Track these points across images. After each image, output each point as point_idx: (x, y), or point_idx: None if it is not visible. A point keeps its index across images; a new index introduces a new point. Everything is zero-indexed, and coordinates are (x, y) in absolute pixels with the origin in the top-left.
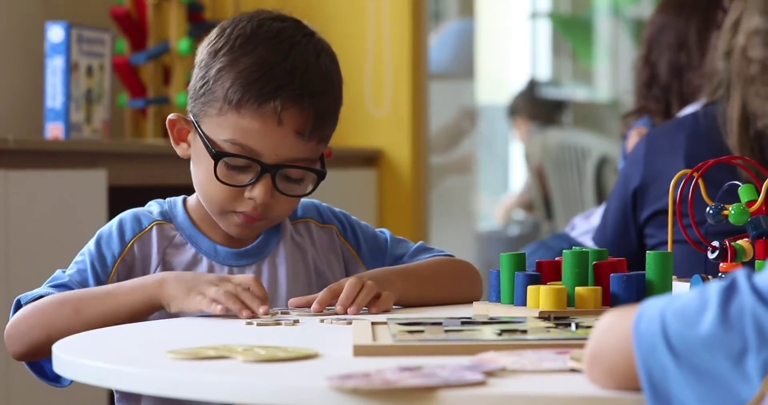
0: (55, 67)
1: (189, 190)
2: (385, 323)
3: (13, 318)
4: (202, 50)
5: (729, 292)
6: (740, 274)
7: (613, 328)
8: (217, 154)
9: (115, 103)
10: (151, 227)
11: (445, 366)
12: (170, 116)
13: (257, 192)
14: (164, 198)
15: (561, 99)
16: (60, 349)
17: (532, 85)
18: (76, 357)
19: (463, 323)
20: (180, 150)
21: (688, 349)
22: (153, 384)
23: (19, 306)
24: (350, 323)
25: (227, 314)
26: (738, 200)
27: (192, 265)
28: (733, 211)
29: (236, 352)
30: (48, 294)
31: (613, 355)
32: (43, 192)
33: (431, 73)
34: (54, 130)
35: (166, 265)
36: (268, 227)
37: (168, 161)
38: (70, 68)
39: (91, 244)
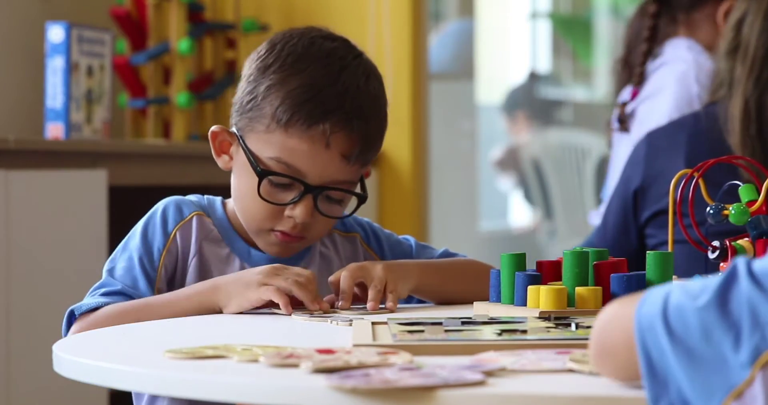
0: (55, 67)
1: (189, 190)
2: (385, 323)
3: (74, 331)
4: (251, 64)
5: (729, 278)
6: (740, 260)
7: (617, 317)
8: (263, 173)
9: (115, 103)
10: (192, 217)
11: (444, 366)
12: (213, 128)
13: (298, 211)
14: (164, 198)
15: (561, 99)
16: (60, 349)
17: (532, 79)
18: (76, 357)
19: (463, 323)
20: (221, 162)
21: (683, 330)
22: (152, 383)
23: (71, 316)
24: (350, 323)
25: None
26: (738, 200)
27: (225, 262)
28: (733, 211)
29: (235, 351)
30: (104, 304)
31: (620, 344)
32: (43, 192)
33: (431, 73)
34: (54, 130)
35: (201, 257)
36: (303, 248)
37: (168, 161)
38: (71, 68)
39: (137, 238)
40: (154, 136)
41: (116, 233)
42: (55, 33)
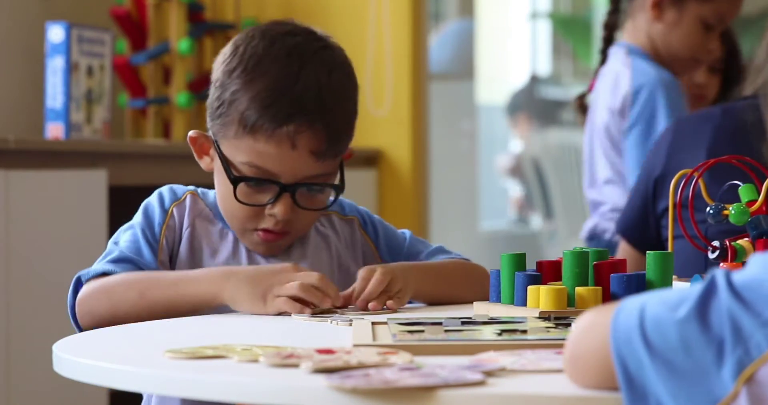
0: (55, 67)
1: None
2: (385, 323)
3: (82, 294)
4: (218, 68)
5: (708, 290)
6: (719, 272)
7: (592, 326)
8: (235, 179)
9: (115, 103)
10: (185, 196)
11: (444, 366)
12: (190, 134)
13: (277, 210)
14: None
15: (561, 99)
16: (60, 349)
17: (533, 82)
18: (76, 356)
19: (463, 323)
20: (203, 164)
21: (662, 343)
22: (152, 383)
23: (78, 283)
24: (350, 323)
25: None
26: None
27: (219, 237)
28: (733, 211)
29: (235, 351)
30: (111, 271)
31: (592, 353)
32: (43, 192)
33: (431, 73)
34: (54, 130)
35: (194, 230)
36: (290, 243)
37: (168, 161)
38: (71, 68)
39: (138, 216)
40: (154, 136)
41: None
42: (55, 33)
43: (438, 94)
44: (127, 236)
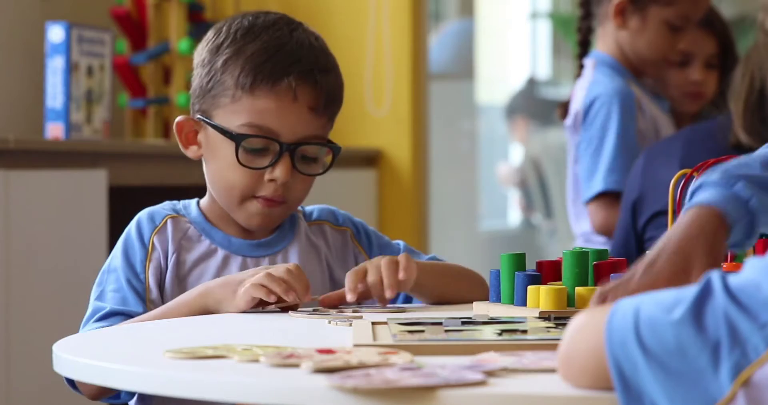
0: (55, 67)
1: (189, 190)
2: (385, 323)
3: None
4: (201, 51)
5: (703, 292)
6: (714, 275)
7: (586, 326)
8: (238, 137)
9: (115, 103)
10: (166, 221)
11: (445, 366)
12: (177, 119)
13: (278, 172)
14: (164, 198)
15: (561, 99)
16: (60, 349)
17: (531, 84)
18: (76, 356)
19: (463, 323)
20: (190, 152)
21: (657, 345)
22: (152, 383)
23: None
24: (350, 324)
25: (261, 307)
26: None
27: (206, 256)
28: None
29: (235, 351)
30: (99, 329)
31: (586, 353)
32: (43, 192)
33: (431, 73)
34: (54, 130)
35: (180, 257)
36: (285, 216)
37: (168, 161)
38: (71, 68)
39: (118, 257)
40: (154, 136)
41: (116, 233)
42: (55, 33)
43: (438, 94)
44: (111, 285)
